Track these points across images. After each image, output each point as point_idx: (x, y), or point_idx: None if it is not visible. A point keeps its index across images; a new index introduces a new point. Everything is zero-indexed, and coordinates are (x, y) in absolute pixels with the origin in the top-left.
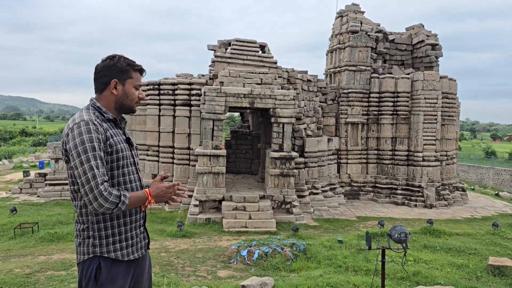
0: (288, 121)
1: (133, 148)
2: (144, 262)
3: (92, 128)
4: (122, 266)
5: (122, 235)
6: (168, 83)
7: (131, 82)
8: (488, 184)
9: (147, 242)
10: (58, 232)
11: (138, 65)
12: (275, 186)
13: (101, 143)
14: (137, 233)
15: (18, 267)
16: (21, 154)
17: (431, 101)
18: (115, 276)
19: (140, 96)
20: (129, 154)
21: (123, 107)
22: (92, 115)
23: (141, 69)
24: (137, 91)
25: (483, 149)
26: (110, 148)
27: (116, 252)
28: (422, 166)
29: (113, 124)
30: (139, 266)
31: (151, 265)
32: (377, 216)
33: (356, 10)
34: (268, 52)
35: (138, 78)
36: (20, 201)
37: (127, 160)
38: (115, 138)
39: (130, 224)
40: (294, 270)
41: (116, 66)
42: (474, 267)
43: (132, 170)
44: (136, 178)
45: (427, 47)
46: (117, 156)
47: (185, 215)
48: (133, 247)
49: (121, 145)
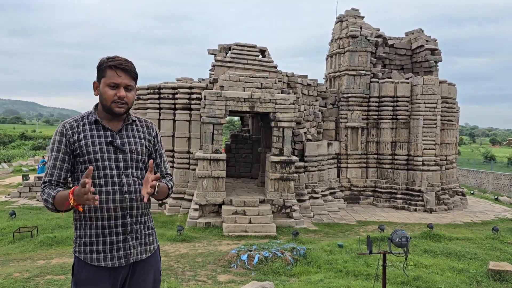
0: (288, 125)
1: (124, 151)
2: (139, 275)
3: (59, 130)
4: (94, 270)
5: (93, 238)
6: (168, 87)
7: (104, 80)
8: (488, 189)
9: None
10: (57, 236)
11: (111, 61)
12: (275, 190)
13: (61, 145)
14: (113, 240)
15: (17, 271)
16: (20, 158)
17: (431, 105)
18: (88, 278)
19: (118, 94)
20: (108, 157)
21: (104, 108)
22: (78, 117)
23: (115, 65)
24: (113, 90)
25: (482, 153)
26: (79, 150)
27: (85, 254)
28: (422, 170)
29: (98, 126)
30: (130, 276)
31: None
32: (377, 220)
33: (355, 15)
34: (268, 57)
35: (112, 75)
36: (19, 205)
37: (103, 162)
38: (88, 140)
39: (103, 228)
40: (294, 274)
41: (97, 67)
42: (474, 271)
43: (110, 173)
44: (116, 182)
45: (426, 52)
46: (88, 158)
47: (185, 219)
48: (105, 253)
49: (94, 147)
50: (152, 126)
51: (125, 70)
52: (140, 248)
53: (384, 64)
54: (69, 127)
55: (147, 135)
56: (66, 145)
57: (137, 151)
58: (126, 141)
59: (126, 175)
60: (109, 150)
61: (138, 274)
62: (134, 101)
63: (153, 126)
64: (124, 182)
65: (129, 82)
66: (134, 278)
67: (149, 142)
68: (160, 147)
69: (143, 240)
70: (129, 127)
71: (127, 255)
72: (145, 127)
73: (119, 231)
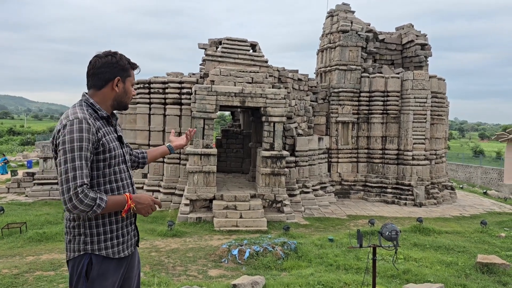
0: (279, 120)
1: (124, 145)
2: (133, 258)
3: (85, 127)
4: (112, 263)
5: (114, 233)
6: (158, 81)
7: (130, 80)
8: (477, 183)
9: (137, 239)
10: (46, 232)
11: (135, 64)
12: (266, 185)
13: (89, 144)
14: (128, 231)
15: (6, 267)
16: (9, 153)
17: (421, 100)
18: (106, 272)
19: (133, 93)
20: (120, 152)
21: (121, 104)
22: (86, 112)
23: (135, 67)
24: (132, 88)
25: (471, 148)
26: (103, 147)
27: (107, 249)
28: (412, 165)
29: (105, 122)
30: (129, 263)
31: (140, 261)
32: (368, 214)
33: (346, 9)
34: (259, 51)
35: (134, 76)
36: (7, 201)
37: (119, 158)
38: (107, 137)
39: (121, 222)
40: (285, 269)
41: (119, 64)
42: (463, 264)
43: (123, 168)
44: (127, 176)
45: (416, 47)
46: (110, 155)
47: (176, 214)
48: (123, 244)
49: (113, 143)
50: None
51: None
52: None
53: (375, 59)
54: (92, 123)
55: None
56: (93, 143)
57: (128, 145)
58: (122, 135)
59: (128, 167)
60: (119, 146)
61: (131, 258)
62: None
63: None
64: (131, 175)
65: None
66: (131, 262)
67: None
68: None
69: None
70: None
71: (134, 242)
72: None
73: (132, 221)
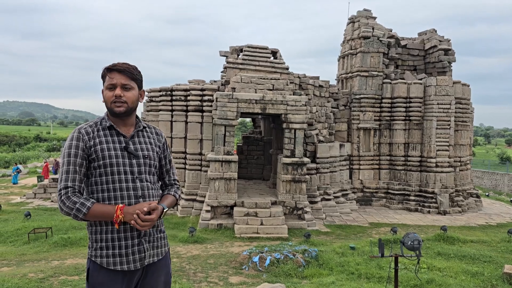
0: (299, 127)
1: (137, 157)
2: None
3: (75, 135)
4: (109, 274)
5: (109, 243)
6: (180, 89)
7: (105, 85)
8: (503, 191)
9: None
10: (71, 237)
11: (109, 66)
12: (287, 192)
13: (78, 150)
14: (128, 244)
15: (32, 271)
16: (35, 159)
17: (444, 106)
18: (104, 282)
19: (115, 93)
20: (123, 162)
21: (109, 112)
22: (92, 123)
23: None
24: (111, 91)
25: (497, 154)
26: (95, 155)
27: (102, 258)
28: (435, 172)
29: (112, 132)
30: (142, 279)
31: (168, 282)
32: (390, 222)
33: (367, 15)
34: (280, 58)
35: (111, 78)
36: (34, 206)
37: (118, 167)
38: (104, 145)
39: (117, 233)
40: (306, 276)
41: (101, 75)
42: (489, 275)
43: (125, 178)
44: (132, 187)
45: (439, 52)
46: (104, 163)
47: (197, 220)
48: (121, 257)
49: (109, 152)
50: (161, 133)
51: (119, 70)
52: (153, 251)
53: (397, 65)
54: (85, 132)
55: (157, 142)
56: (83, 150)
57: (149, 156)
58: (139, 147)
59: (140, 179)
60: (124, 156)
61: (150, 277)
62: (135, 101)
63: (162, 133)
64: (138, 187)
65: (125, 81)
66: (146, 280)
67: (159, 148)
68: (168, 153)
69: (156, 243)
70: (140, 133)
71: (142, 258)
72: (155, 134)
73: (134, 235)
